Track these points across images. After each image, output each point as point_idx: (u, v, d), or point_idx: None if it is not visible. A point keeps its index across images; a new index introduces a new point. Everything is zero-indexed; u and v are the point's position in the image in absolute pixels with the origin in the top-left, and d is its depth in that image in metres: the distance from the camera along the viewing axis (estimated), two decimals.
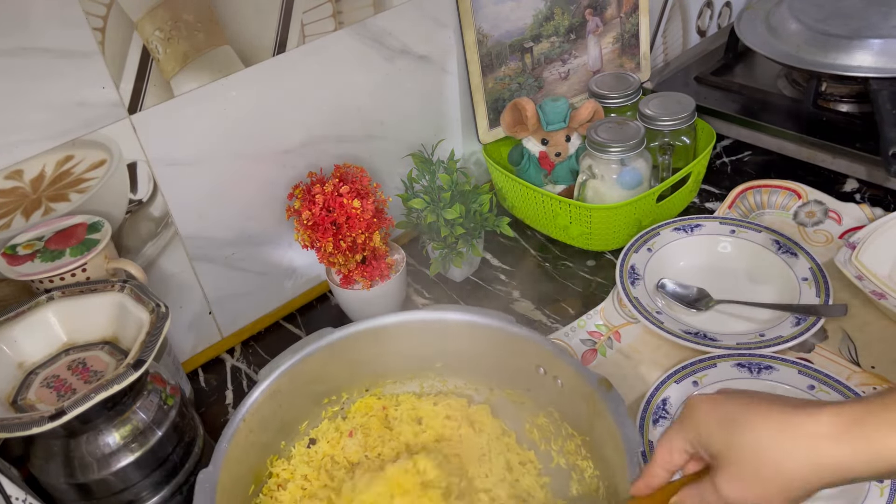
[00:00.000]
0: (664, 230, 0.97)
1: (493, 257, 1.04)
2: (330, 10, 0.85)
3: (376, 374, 0.79)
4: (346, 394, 0.78)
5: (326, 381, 0.76)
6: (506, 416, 0.77)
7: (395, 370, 0.79)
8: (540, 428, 0.74)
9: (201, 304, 0.90)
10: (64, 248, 0.70)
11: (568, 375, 0.69)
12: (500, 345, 0.74)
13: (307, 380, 0.73)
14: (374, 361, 0.77)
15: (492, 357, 0.75)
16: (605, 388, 0.65)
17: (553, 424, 0.73)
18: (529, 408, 0.75)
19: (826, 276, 0.87)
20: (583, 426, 0.69)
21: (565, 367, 0.69)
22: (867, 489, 0.66)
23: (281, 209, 0.90)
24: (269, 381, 0.70)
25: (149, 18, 0.72)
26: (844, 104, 1.12)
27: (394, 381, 0.80)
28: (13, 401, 0.63)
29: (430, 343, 0.77)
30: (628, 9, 1.14)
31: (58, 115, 0.70)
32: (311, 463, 0.73)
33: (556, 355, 0.70)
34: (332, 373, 0.76)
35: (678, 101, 1.03)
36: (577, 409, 0.68)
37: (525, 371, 0.73)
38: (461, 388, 0.80)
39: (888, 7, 1.08)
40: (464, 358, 0.77)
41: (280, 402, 0.72)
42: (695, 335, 0.83)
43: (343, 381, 0.77)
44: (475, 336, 0.75)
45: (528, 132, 1.02)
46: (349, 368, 0.77)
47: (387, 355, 0.77)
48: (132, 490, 0.66)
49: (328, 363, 0.74)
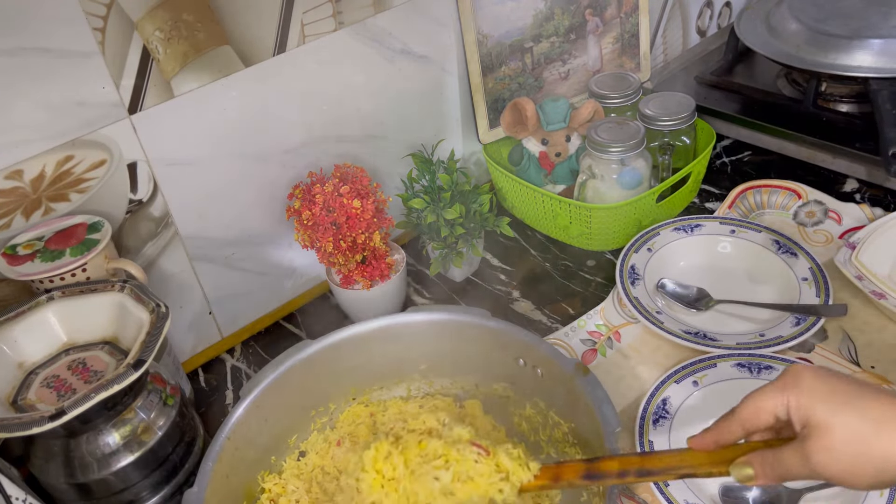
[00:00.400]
0: (664, 230, 0.97)
1: (493, 257, 1.04)
2: (330, 10, 0.85)
3: (362, 381, 0.78)
4: (333, 404, 0.78)
5: (312, 392, 0.75)
6: (494, 412, 0.77)
7: (381, 376, 0.79)
8: (528, 419, 0.75)
9: (201, 304, 0.90)
10: (64, 248, 0.70)
11: (546, 364, 0.69)
12: (480, 340, 0.74)
13: (292, 393, 0.73)
14: (358, 369, 0.77)
15: (473, 354, 0.76)
16: (581, 372, 0.65)
17: (540, 415, 0.73)
18: (515, 400, 0.76)
19: (826, 276, 0.87)
20: (566, 413, 0.69)
21: (542, 355, 0.69)
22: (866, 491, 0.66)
23: (281, 209, 0.90)
24: (251, 398, 0.68)
25: (149, 18, 0.72)
26: (844, 104, 1.12)
27: (380, 387, 0.79)
28: (13, 401, 0.63)
29: (412, 346, 0.77)
30: (628, 9, 1.14)
31: (58, 115, 0.70)
32: (302, 476, 0.73)
33: (531, 345, 0.70)
34: (317, 384, 0.75)
35: (678, 101, 1.03)
36: (559, 397, 0.69)
37: (506, 364, 0.73)
38: (447, 387, 0.80)
39: (888, 7, 1.08)
40: (447, 358, 0.78)
41: (266, 417, 0.70)
42: (695, 335, 0.83)
43: (329, 391, 0.77)
44: (455, 334, 0.75)
45: (528, 132, 1.02)
46: (334, 378, 0.76)
47: (370, 362, 0.77)
48: (132, 490, 0.66)
49: (311, 375, 0.73)
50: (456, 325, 0.75)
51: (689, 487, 0.68)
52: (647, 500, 0.70)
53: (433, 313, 0.75)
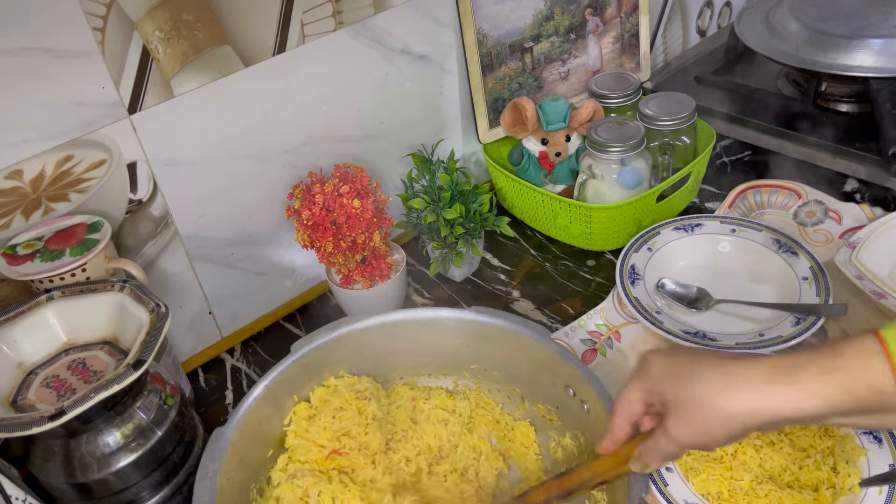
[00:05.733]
0: (664, 230, 0.97)
1: (493, 257, 1.04)
2: (330, 9, 0.85)
3: (411, 365, 0.79)
4: (381, 378, 0.78)
5: (362, 361, 0.77)
6: (535, 430, 0.77)
7: (431, 364, 0.80)
8: (564, 448, 0.73)
9: (201, 304, 0.90)
10: (64, 248, 0.70)
11: (594, 403, 0.67)
12: (533, 358, 0.73)
13: (341, 357, 0.75)
14: (409, 353, 0.78)
15: (524, 368, 0.75)
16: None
17: (577, 448, 0.72)
18: (557, 426, 0.74)
19: (826, 275, 0.87)
20: None
21: (592, 394, 0.67)
22: (866, 491, 0.66)
23: (281, 209, 0.90)
24: (299, 354, 0.72)
25: (149, 18, 0.72)
26: (844, 104, 1.12)
27: (428, 373, 0.80)
28: (13, 401, 0.63)
29: (466, 344, 0.77)
30: (628, 9, 1.14)
31: (58, 115, 0.70)
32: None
33: (584, 379, 0.68)
34: (369, 354, 0.77)
35: (678, 101, 1.03)
36: (600, 437, 0.66)
37: (556, 389, 0.72)
38: (494, 392, 0.80)
39: (888, 7, 1.08)
40: (497, 363, 0.77)
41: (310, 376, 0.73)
42: (694, 335, 0.83)
43: (380, 364, 0.78)
44: (510, 344, 0.74)
45: (528, 132, 1.02)
46: (386, 354, 0.77)
47: (423, 349, 0.78)
48: (132, 490, 0.66)
49: (365, 344, 0.75)
50: (512, 335, 0.74)
51: (690, 488, 0.68)
52: (648, 500, 0.70)
53: (491, 318, 0.75)
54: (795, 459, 0.69)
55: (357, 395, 0.73)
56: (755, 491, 0.67)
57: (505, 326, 0.74)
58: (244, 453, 0.66)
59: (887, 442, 0.69)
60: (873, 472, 0.67)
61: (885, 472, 0.66)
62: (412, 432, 0.75)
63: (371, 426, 0.72)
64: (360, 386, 0.74)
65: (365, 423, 0.72)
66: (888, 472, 0.66)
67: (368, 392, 0.74)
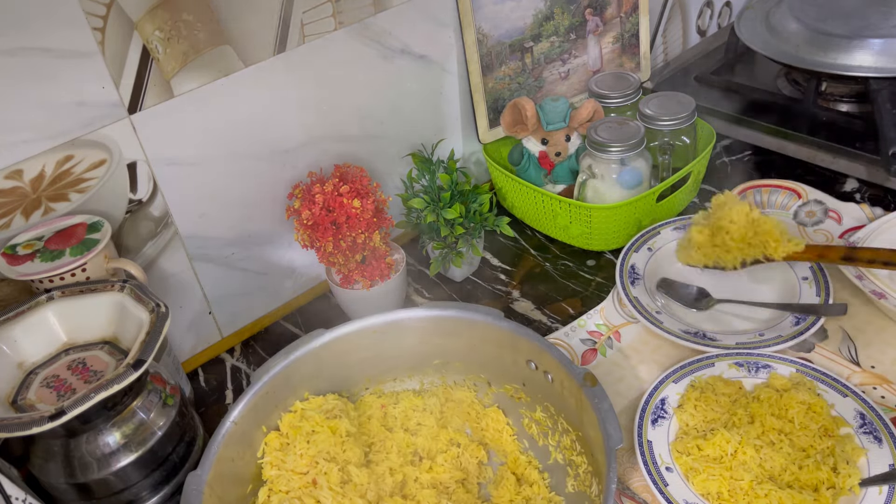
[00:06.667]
0: (664, 230, 0.97)
1: (493, 257, 1.04)
2: (330, 9, 0.85)
3: (374, 373, 0.79)
4: (346, 393, 0.78)
5: (322, 382, 0.76)
6: (506, 412, 0.78)
7: (394, 368, 0.79)
8: (538, 423, 0.75)
9: (201, 303, 0.90)
10: (64, 248, 0.70)
11: (556, 370, 0.69)
12: (491, 340, 0.74)
13: (301, 382, 0.73)
14: (369, 361, 0.77)
15: (485, 353, 0.76)
16: (589, 383, 0.65)
17: (550, 419, 0.73)
18: (526, 403, 0.76)
19: (826, 275, 0.87)
20: (575, 421, 0.69)
21: (552, 361, 0.69)
22: (866, 491, 0.66)
23: (281, 209, 0.90)
24: (260, 384, 0.69)
25: (149, 18, 0.72)
26: (844, 104, 1.12)
27: (393, 378, 0.80)
28: (13, 401, 0.63)
29: (424, 341, 0.77)
30: (628, 9, 1.14)
31: (58, 114, 0.70)
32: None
33: (543, 350, 0.70)
34: (329, 373, 0.75)
35: (678, 100, 1.03)
36: (569, 404, 0.69)
37: (518, 366, 0.74)
38: (461, 384, 0.80)
39: (888, 7, 1.08)
40: (459, 355, 0.78)
41: (276, 403, 0.71)
42: (694, 335, 0.83)
43: (341, 381, 0.77)
44: (466, 333, 0.75)
45: (528, 132, 1.02)
46: (347, 367, 0.77)
47: (382, 355, 0.77)
48: (132, 490, 0.66)
49: (323, 364, 0.74)
50: (467, 323, 0.74)
51: (690, 488, 0.68)
52: (648, 500, 0.70)
53: (443, 310, 0.75)
54: (795, 459, 0.69)
55: (326, 414, 0.72)
56: (755, 491, 0.67)
57: (459, 316, 0.75)
58: (222, 493, 0.64)
59: (887, 442, 0.69)
60: (873, 472, 0.67)
61: (885, 472, 0.66)
62: (389, 441, 0.75)
63: (347, 443, 0.71)
64: (327, 405, 0.73)
65: (340, 440, 0.71)
66: (888, 472, 0.66)
67: (337, 409, 0.73)
